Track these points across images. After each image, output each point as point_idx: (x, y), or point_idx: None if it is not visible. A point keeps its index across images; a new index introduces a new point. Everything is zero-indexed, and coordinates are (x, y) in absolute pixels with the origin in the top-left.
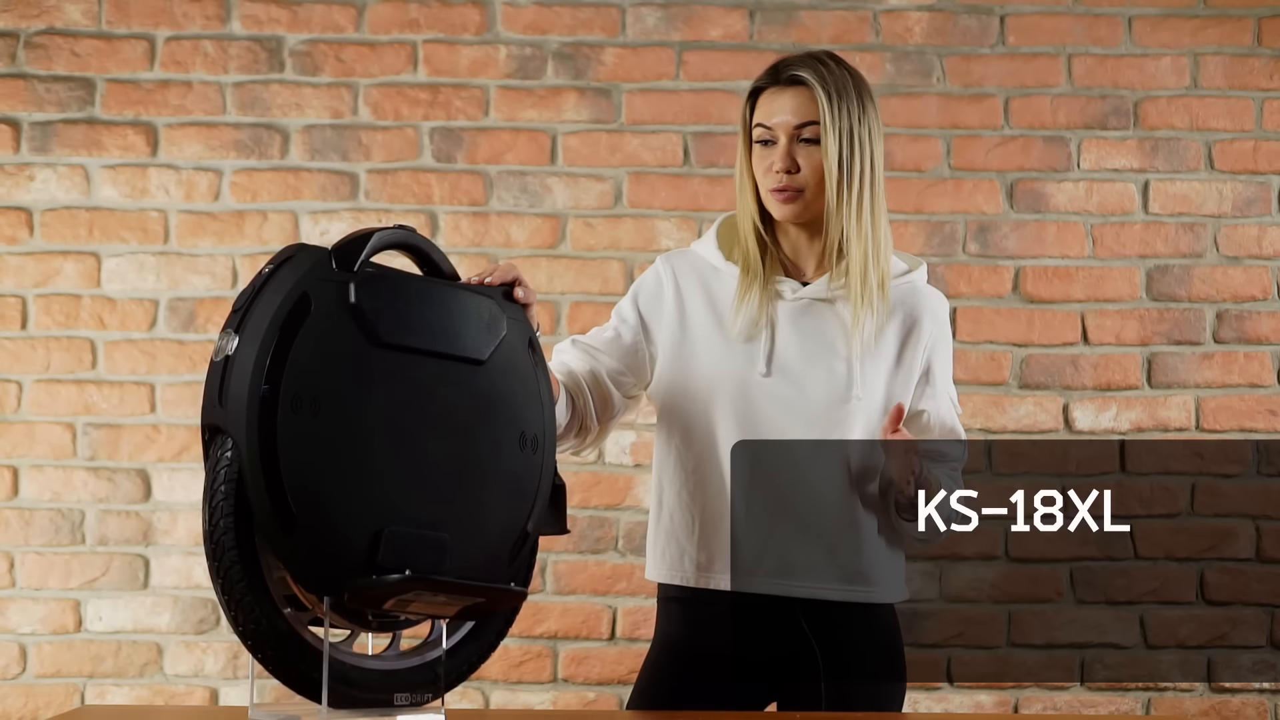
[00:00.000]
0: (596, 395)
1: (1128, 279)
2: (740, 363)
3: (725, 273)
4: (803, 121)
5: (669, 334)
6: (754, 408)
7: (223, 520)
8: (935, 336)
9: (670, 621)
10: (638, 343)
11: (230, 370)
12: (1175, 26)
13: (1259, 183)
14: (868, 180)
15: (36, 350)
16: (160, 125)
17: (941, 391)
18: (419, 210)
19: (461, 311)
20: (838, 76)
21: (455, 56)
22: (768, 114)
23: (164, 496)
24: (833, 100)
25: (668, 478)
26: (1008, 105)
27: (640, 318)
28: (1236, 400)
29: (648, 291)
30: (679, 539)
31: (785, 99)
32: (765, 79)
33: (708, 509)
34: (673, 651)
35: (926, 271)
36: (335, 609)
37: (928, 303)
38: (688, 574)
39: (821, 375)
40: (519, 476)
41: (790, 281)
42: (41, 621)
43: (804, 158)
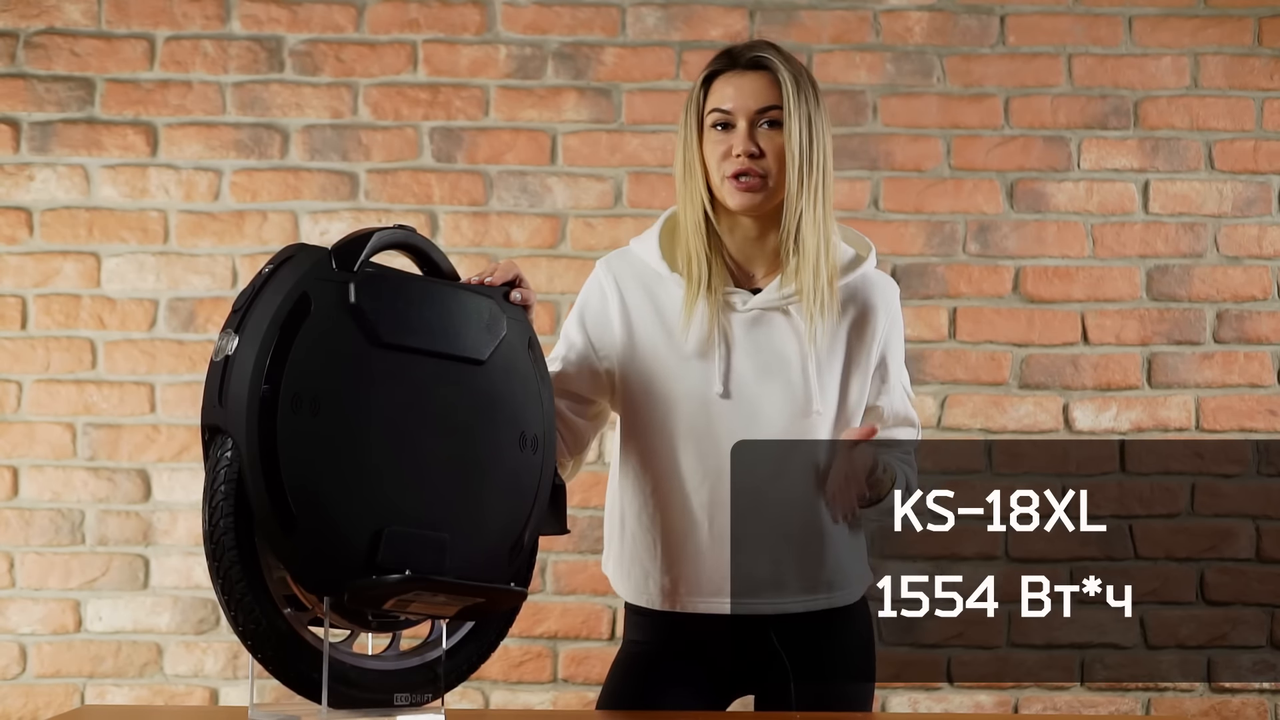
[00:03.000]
0: (567, 433)
1: (1128, 279)
2: (695, 382)
3: (669, 280)
4: (765, 105)
5: (619, 349)
6: (713, 428)
7: (223, 520)
8: (888, 328)
9: (637, 630)
10: (588, 363)
11: (230, 370)
12: (1175, 26)
13: (1259, 183)
14: (824, 169)
15: (36, 350)
16: (160, 125)
17: (895, 384)
18: (419, 210)
19: (461, 311)
20: (794, 64)
21: (455, 56)
22: (725, 97)
23: (164, 496)
24: (797, 84)
25: (628, 499)
26: (1008, 105)
27: (588, 340)
28: (1236, 400)
29: (593, 310)
30: (642, 562)
31: (746, 82)
32: (721, 63)
33: (669, 531)
34: (640, 655)
35: (875, 256)
36: (335, 609)
37: (880, 293)
38: (654, 598)
39: (779, 391)
40: (519, 476)
41: (741, 292)
42: (41, 621)
43: (765, 142)
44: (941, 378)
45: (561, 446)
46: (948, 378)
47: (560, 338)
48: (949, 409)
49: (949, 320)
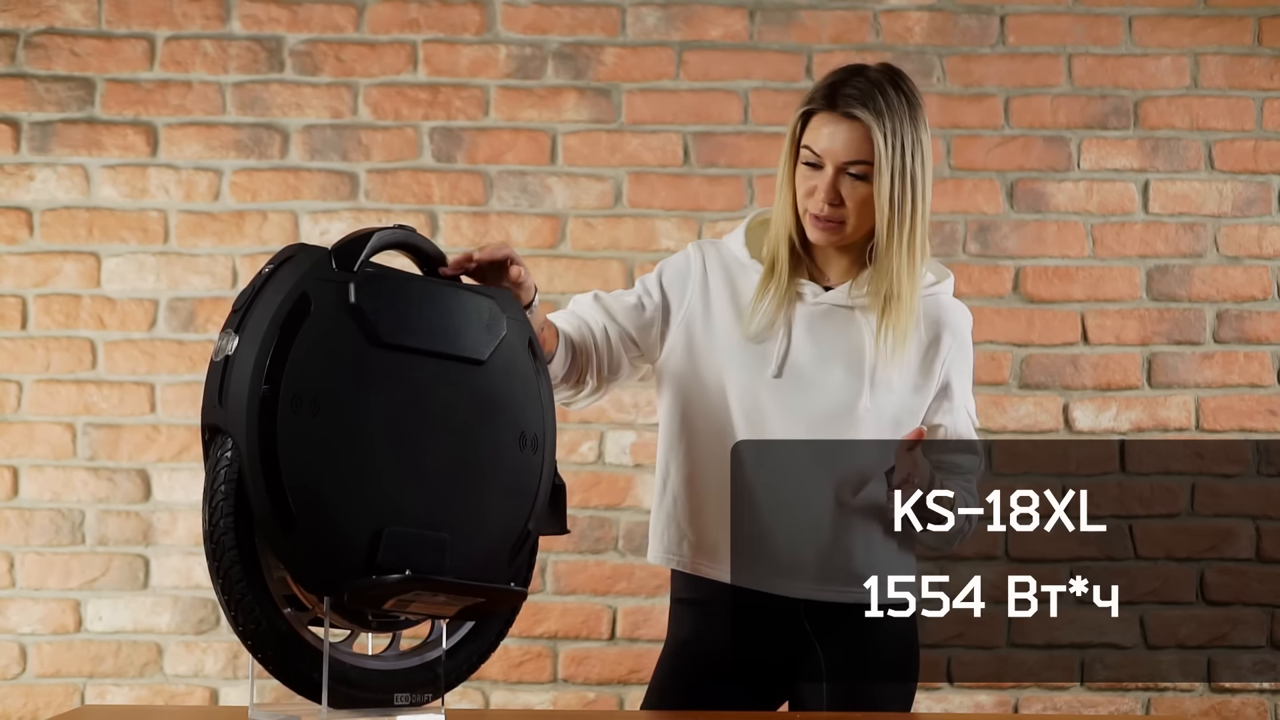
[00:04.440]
0: (608, 353)
1: (1128, 279)
2: (753, 361)
3: (751, 269)
4: (854, 159)
5: (689, 319)
6: (761, 408)
7: (223, 520)
8: (955, 352)
9: (678, 624)
10: (655, 319)
11: (230, 370)
12: (1175, 26)
13: (1259, 183)
14: (919, 215)
15: (36, 350)
16: (160, 125)
17: (960, 406)
18: (419, 210)
19: (461, 311)
20: (895, 109)
21: (455, 56)
22: (817, 140)
23: (164, 496)
24: (888, 139)
25: (675, 463)
26: (1008, 105)
27: (664, 295)
28: (1236, 400)
29: (675, 271)
30: (679, 523)
31: (839, 131)
32: (820, 101)
33: (710, 500)
34: (681, 654)
35: (953, 284)
36: (335, 609)
37: (950, 317)
38: (684, 558)
39: (832, 382)
40: (519, 476)
41: (812, 285)
42: (41, 621)
43: (849, 191)
44: None
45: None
46: None
47: (636, 284)
48: None
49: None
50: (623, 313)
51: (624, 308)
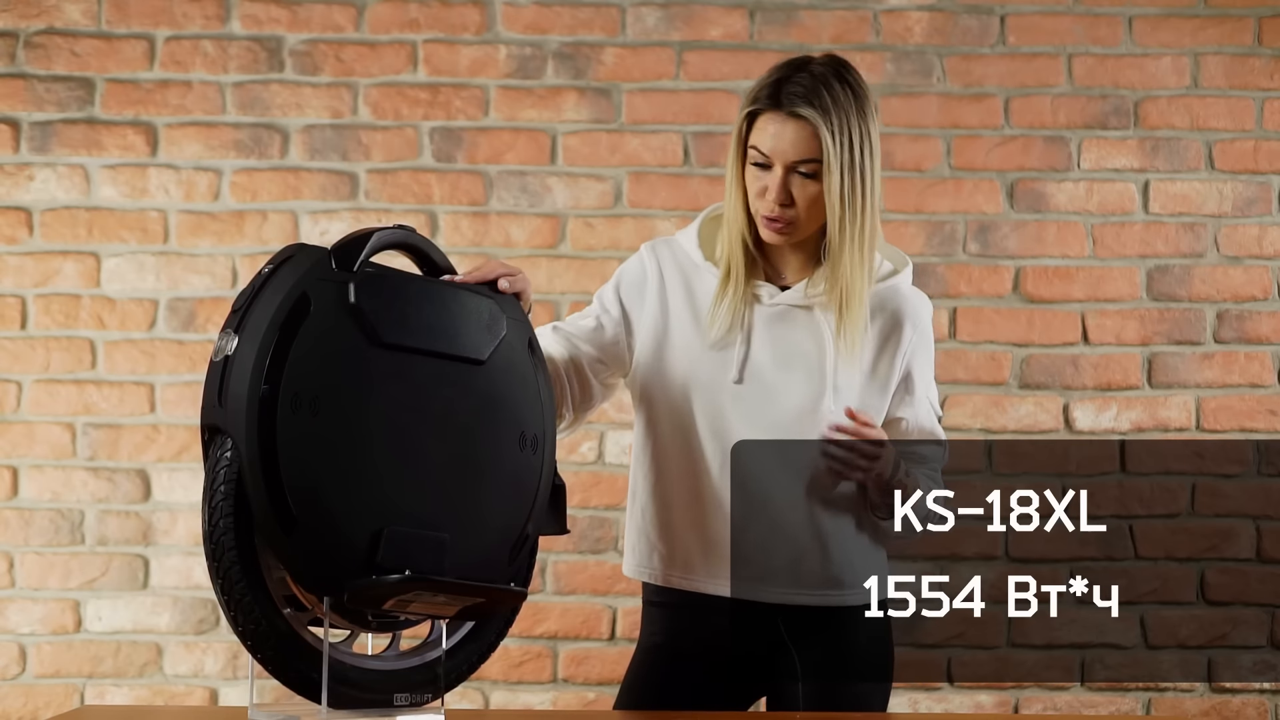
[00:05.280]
0: (577, 384)
1: (1128, 279)
2: (713, 368)
3: (705, 270)
4: (803, 158)
5: (650, 327)
6: (723, 414)
7: (222, 520)
8: (915, 343)
9: (651, 624)
10: (618, 335)
11: (230, 370)
12: (1175, 26)
13: (1259, 183)
14: (870, 208)
15: (36, 350)
16: (160, 125)
17: (921, 398)
18: (419, 210)
19: (461, 311)
20: (841, 103)
21: (455, 56)
22: (764, 140)
23: (164, 496)
24: (836, 136)
25: (642, 474)
26: (1008, 105)
27: (623, 309)
28: (1237, 400)
29: (631, 282)
30: (649, 535)
31: (785, 130)
32: (765, 101)
33: (677, 508)
34: (655, 654)
35: (912, 272)
36: (335, 609)
37: (910, 306)
38: (656, 570)
39: (793, 384)
40: (519, 476)
41: (768, 286)
42: (41, 621)
43: (799, 190)
44: (942, 378)
45: (566, 397)
46: (948, 378)
47: (594, 301)
48: (949, 409)
49: (949, 320)
50: (584, 338)
51: (584, 333)
